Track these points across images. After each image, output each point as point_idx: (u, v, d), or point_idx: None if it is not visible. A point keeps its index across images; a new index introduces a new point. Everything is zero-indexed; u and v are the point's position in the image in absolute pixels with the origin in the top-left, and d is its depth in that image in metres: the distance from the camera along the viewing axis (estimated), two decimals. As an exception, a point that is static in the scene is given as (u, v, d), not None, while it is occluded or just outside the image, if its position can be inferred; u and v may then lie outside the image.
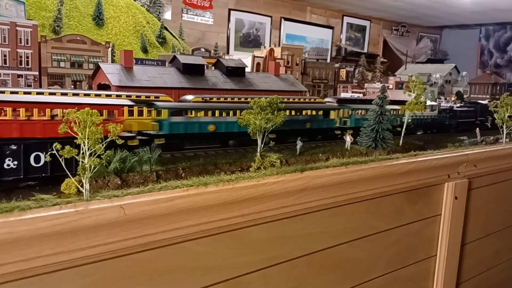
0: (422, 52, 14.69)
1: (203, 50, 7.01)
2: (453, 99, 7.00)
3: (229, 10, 10.59)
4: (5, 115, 1.87)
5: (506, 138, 3.25)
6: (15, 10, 4.72)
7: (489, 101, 4.57)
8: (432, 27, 15.29)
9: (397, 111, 3.74)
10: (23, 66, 4.36)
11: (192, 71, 3.98)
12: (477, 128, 3.55)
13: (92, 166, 1.45)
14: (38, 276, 1.37)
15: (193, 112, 2.68)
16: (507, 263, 3.57)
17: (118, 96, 2.78)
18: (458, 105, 5.00)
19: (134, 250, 1.55)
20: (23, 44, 4.32)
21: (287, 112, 2.83)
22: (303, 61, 6.96)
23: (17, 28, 4.28)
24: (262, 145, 2.11)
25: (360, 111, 3.47)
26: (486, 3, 10.98)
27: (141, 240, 1.53)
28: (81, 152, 1.44)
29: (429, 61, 13.40)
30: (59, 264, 1.38)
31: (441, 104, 4.74)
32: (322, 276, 2.23)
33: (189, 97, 3.13)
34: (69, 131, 1.43)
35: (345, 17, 13.12)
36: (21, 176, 1.62)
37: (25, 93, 2.51)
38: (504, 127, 3.16)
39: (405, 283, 2.72)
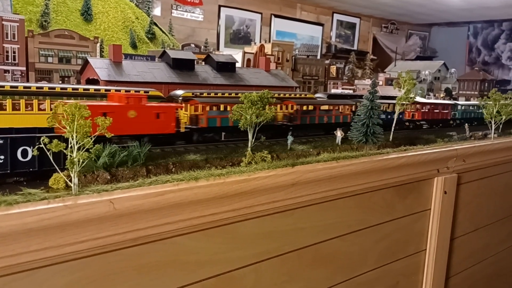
0: (411, 49, 14.79)
1: (193, 46, 6.97)
2: (442, 95, 7.06)
3: (219, 6, 10.54)
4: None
5: (494, 133, 3.28)
6: (1, 4, 4.63)
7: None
8: (421, 25, 15.39)
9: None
10: (10, 61, 4.29)
11: (182, 66, 3.94)
12: (466, 124, 3.58)
13: (81, 160, 1.43)
14: (26, 272, 1.35)
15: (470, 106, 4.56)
16: (496, 257, 3.61)
17: (107, 90, 2.74)
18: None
19: (124, 245, 1.53)
20: (9, 39, 4.25)
21: None
22: (293, 57, 6.94)
23: (3, 22, 4.21)
24: (253, 140, 2.10)
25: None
26: (474, 1, 11.08)
27: (131, 235, 1.51)
28: (69, 146, 1.42)
29: (418, 58, 13.48)
30: (47, 259, 1.36)
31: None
32: (313, 270, 2.23)
33: (179, 92, 3.10)
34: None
35: (335, 14, 13.15)
36: (8, 171, 1.58)
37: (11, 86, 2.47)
38: (493, 122, 3.19)
39: (395, 277, 2.74)
